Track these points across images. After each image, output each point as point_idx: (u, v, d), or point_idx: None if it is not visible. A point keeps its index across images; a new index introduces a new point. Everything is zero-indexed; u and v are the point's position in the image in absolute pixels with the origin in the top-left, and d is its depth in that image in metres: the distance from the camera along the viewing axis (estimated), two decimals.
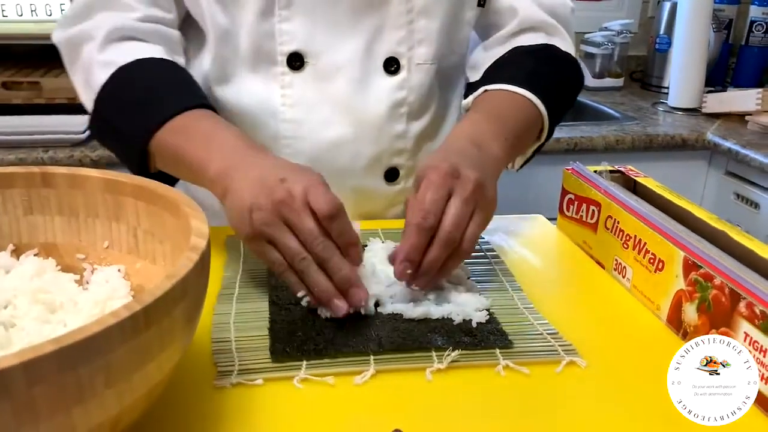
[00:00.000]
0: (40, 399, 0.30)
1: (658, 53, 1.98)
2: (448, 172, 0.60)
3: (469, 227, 0.60)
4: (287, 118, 0.79)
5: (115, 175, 0.53)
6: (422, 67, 0.81)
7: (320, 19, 0.77)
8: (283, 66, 0.78)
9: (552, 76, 0.81)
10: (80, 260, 0.54)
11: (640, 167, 1.55)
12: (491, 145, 0.68)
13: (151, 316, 0.34)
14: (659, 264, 0.63)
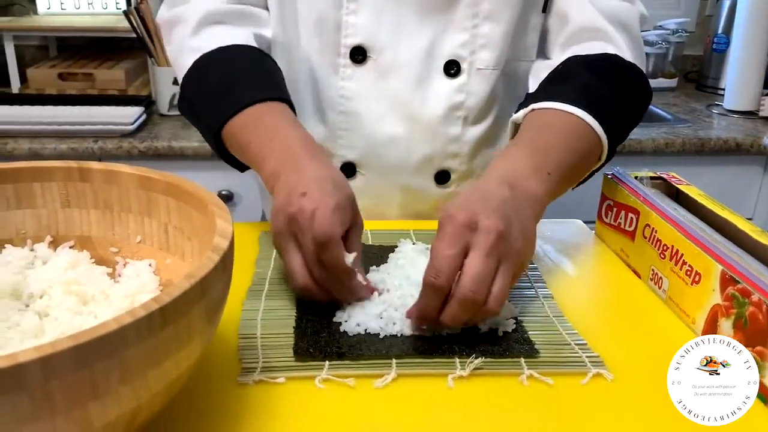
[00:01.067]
0: (56, 393, 0.31)
1: (715, 53, 1.92)
2: (464, 224, 0.54)
3: (495, 284, 0.53)
4: (344, 110, 0.81)
5: (148, 172, 0.54)
6: (483, 72, 0.81)
7: (386, 15, 0.78)
8: (346, 58, 0.79)
9: (612, 91, 0.73)
10: (113, 253, 0.56)
11: (690, 172, 1.51)
12: (529, 184, 0.61)
13: (167, 315, 0.35)
14: (696, 276, 0.61)
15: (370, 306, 0.59)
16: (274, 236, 0.60)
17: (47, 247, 0.56)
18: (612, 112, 0.71)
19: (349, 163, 0.84)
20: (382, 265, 0.67)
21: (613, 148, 0.72)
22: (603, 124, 0.69)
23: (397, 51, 0.79)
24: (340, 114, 0.81)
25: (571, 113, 0.69)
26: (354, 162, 0.83)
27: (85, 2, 1.77)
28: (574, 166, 0.68)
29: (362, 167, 0.84)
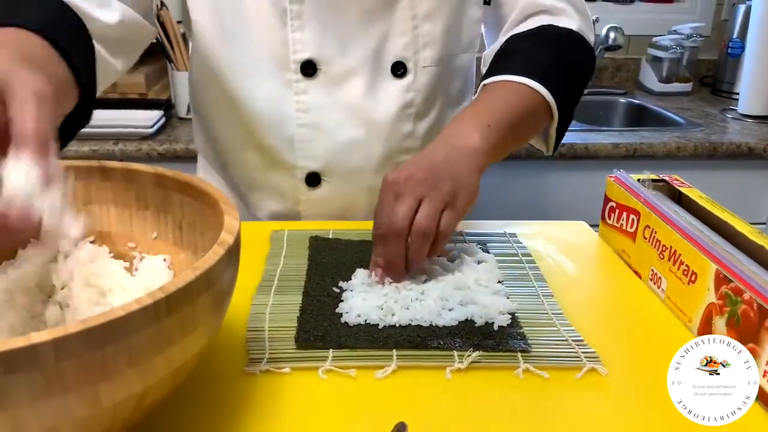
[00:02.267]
0: (68, 372, 0.34)
1: (731, 58, 1.92)
2: (391, 182, 0.66)
3: (419, 211, 0.64)
4: (302, 122, 0.83)
5: (164, 171, 0.57)
6: (428, 69, 0.84)
7: (330, 27, 0.80)
8: (297, 73, 0.81)
9: (548, 55, 0.80)
10: (131, 248, 0.59)
11: (703, 176, 1.52)
12: (468, 138, 0.70)
13: (172, 304, 0.37)
14: (692, 276, 0.63)
15: (370, 298, 0.61)
16: None
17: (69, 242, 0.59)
18: (551, 71, 0.78)
19: (313, 173, 0.86)
20: None
21: (565, 105, 0.80)
22: (543, 83, 0.76)
23: (345, 60, 0.81)
24: (298, 127, 0.83)
25: (511, 80, 0.77)
26: (317, 171, 0.85)
27: None
28: (517, 120, 0.75)
29: (326, 175, 0.86)
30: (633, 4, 2.08)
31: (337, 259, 0.71)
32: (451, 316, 0.60)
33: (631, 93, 2.01)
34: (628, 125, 1.92)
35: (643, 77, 2.04)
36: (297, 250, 0.74)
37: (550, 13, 0.85)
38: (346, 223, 0.85)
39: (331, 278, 0.67)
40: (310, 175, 0.86)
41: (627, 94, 1.99)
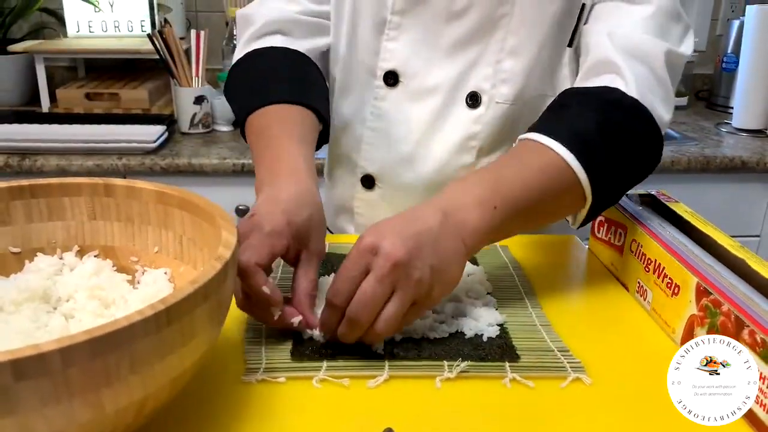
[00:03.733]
0: (74, 379, 0.36)
1: (725, 73, 1.94)
2: (368, 247, 0.56)
3: (385, 310, 0.55)
4: (373, 126, 0.87)
5: (165, 188, 0.59)
6: (501, 106, 0.83)
7: (421, 46, 0.83)
8: (380, 80, 0.85)
9: (597, 125, 0.67)
10: (133, 262, 0.61)
11: (697, 189, 1.55)
12: (467, 215, 0.60)
13: (172, 314, 0.40)
14: (675, 288, 0.65)
15: None
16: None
17: (74, 256, 0.61)
18: (598, 149, 0.66)
19: (369, 176, 0.90)
20: None
21: (603, 190, 0.67)
22: (580, 158, 0.65)
23: (426, 79, 0.84)
24: (367, 129, 0.88)
25: (548, 147, 0.65)
26: (373, 175, 0.89)
27: (111, 25, 1.85)
28: (533, 205, 0.64)
29: (380, 181, 0.89)
30: None
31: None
32: (442, 328, 0.63)
33: None
34: None
35: None
36: None
37: (618, 73, 0.71)
38: (342, 236, 0.88)
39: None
40: (365, 177, 0.90)
41: None
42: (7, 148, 1.46)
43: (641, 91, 0.69)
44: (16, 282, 0.57)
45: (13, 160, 1.44)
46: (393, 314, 0.55)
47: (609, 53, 0.72)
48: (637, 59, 0.71)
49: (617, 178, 0.69)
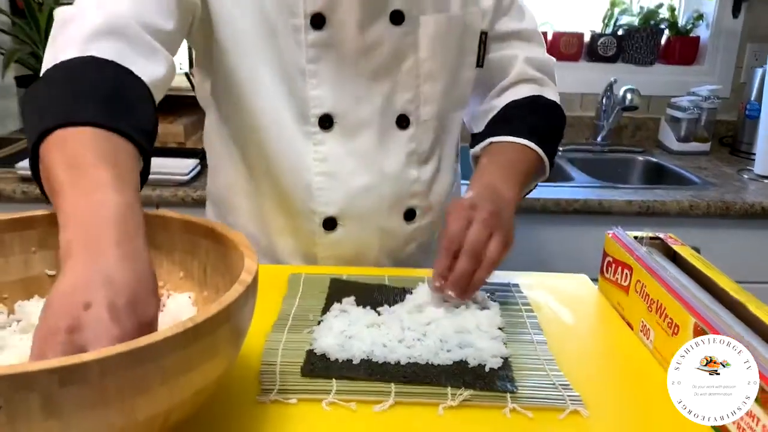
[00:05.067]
0: (110, 387, 0.40)
1: (748, 120, 1.96)
2: (467, 206, 0.79)
3: (490, 244, 0.76)
4: (319, 171, 0.91)
5: (192, 219, 0.64)
6: (427, 123, 0.94)
7: (344, 84, 0.88)
8: (315, 126, 0.89)
9: (545, 124, 0.98)
10: (160, 287, 0.66)
11: (716, 235, 1.56)
12: (505, 189, 0.86)
13: (198, 332, 0.44)
14: (675, 328, 0.67)
15: (377, 336, 0.67)
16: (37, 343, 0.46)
17: None
18: (547, 138, 0.96)
19: (330, 218, 0.92)
20: (397, 304, 0.76)
21: (551, 161, 0.97)
22: (540, 146, 0.94)
23: (357, 113, 0.90)
24: (316, 176, 0.90)
25: (517, 142, 0.94)
26: (334, 216, 0.92)
27: None
28: (527, 177, 0.93)
29: (342, 219, 0.93)
30: (653, 66, 2.14)
31: (357, 300, 0.77)
32: (447, 356, 0.66)
33: (650, 151, 2.06)
34: (645, 183, 1.96)
35: (662, 136, 2.10)
36: (312, 292, 0.81)
37: (537, 83, 1.02)
38: (360, 269, 0.91)
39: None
40: (327, 220, 0.93)
41: (646, 153, 2.04)
42: None
43: (554, 93, 1.03)
44: None
45: None
46: (497, 247, 0.76)
47: (528, 71, 1.01)
48: (545, 72, 1.03)
49: (555, 145, 0.99)
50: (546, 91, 1.01)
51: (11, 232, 0.64)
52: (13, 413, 0.38)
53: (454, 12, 0.92)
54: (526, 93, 1.00)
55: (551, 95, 1.02)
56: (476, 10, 0.94)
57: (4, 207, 1.48)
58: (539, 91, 1.01)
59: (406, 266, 0.95)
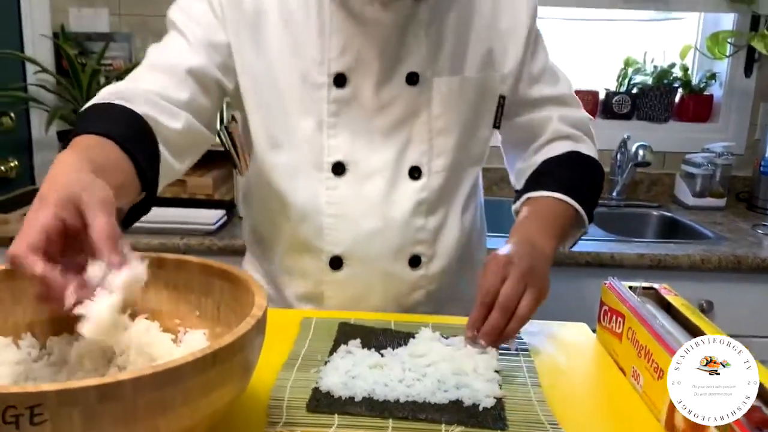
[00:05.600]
0: (140, 405, 0.46)
1: (763, 176, 1.99)
2: (503, 261, 0.83)
3: (523, 299, 0.81)
4: (330, 213, 0.98)
5: (208, 262, 0.70)
6: (439, 174, 1.00)
7: (359, 135, 0.96)
8: (329, 172, 0.97)
9: (581, 178, 1.03)
10: (177, 324, 0.72)
11: (727, 289, 1.58)
12: (542, 243, 0.91)
13: (216, 358, 0.50)
14: (660, 372, 0.71)
15: (379, 376, 0.72)
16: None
17: (127, 318, 0.72)
18: (585, 192, 1.01)
19: (337, 257, 0.99)
20: (400, 347, 0.81)
21: (590, 212, 1.01)
22: (577, 199, 0.98)
23: (370, 162, 0.97)
24: (327, 217, 0.98)
25: (553, 196, 0.98)
26: (340, 255, 0.98)
27: None
28: (563, 230, 0.98)
29: (347, 259, 0.98)
30: (668, 123, 2.19)
31: (364, 341, 0.82)
32: (444, 395, 0.70)
33: (665, 206, 2.09)
34: (660, 237, 1.99)
35: (677, 192, 2.13)
36: (321, 335, 0.86)
37: (573, 140, 1.06)
38: (368, 314, 0.96)
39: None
40: (333, 259, 0.99)
41: (661, 207, 2.07)
42: None
43: (590, 148, 1.08)
44: (80, 339, 0.68)
45: None
46: (530, 303, 0.81)
47: (564, 129, 1.06)
48: (581, 129, 1.08)
49: (593, 207, 1.03)
50: (582, 147, 1.06)
51: None
52: (57, 426, 0.44)
53: (469, 74, 0.99)
54: (561, 149, 1.05)
55: (587, 150, 1.06)
56: (495, 74, 1.01)
57: None
58: (575, 147, 1.05)
59: (413, 314, 0.99)
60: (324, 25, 0.94)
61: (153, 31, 2.12)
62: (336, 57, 0.94)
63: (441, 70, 0.97)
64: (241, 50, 0.96)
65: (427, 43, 0.96)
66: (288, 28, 0.95)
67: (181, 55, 0.93)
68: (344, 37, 0.94)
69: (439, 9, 0.97)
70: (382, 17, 0.94)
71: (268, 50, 0.96)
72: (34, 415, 0.44)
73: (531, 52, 1.04)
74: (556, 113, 1.06)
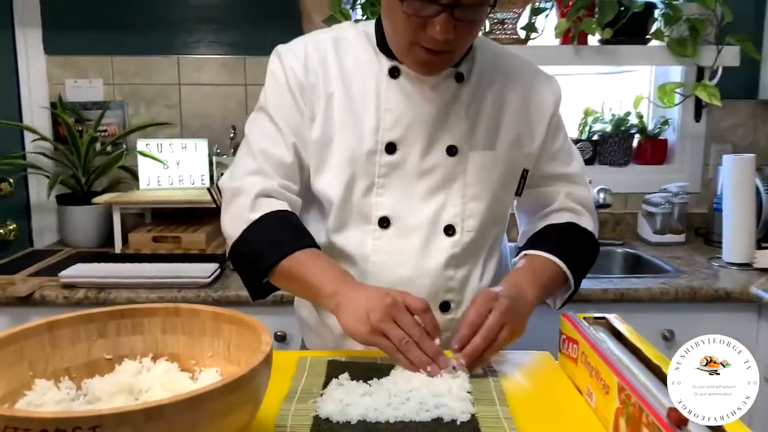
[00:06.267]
0: (177, 424, 0.58)
1: (716, 212, 2.15)
2: (491, 296, 0.99)
3: (501, 333, 0.97)
4: (374, 260, 1.14)
5: (218, 309, 0.82)
6: (469, 233, 1.15)
7: (403, 196, 1.13)
8: (375, 225, 1.13)
9: (573, 246, 1.19)
10: (193, 364, 0.83)
11: (684, 318, 1.72)
12: (527, 290, 1.07)
13: (234, 386, 0.62)
14: (606, 388, 0.83)
15: (369, 402, 0.83)
16: (371, 331, 0.94)
17: (150, 360, 0.83)
18: (574, 257, 1.17)
19: None
20: (384, 377, 0.92)
21: (577, 276, 1.17)
22: (566, 263, 1.14)
23: (410, 220, 1.13)
24: (371, 263, 1.14)
25: (545, 256, 1.15)
26: None
27: (176, 179, 2.19)
28: (550, 286, 1.16)
29: None
30: (628, 166, 2.36)
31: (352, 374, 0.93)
32: (426, 414, 0.82)
33: (629, 244, 2.24)
34: (626, 272, 2.13)
35: (640, 230, 2.29)
36: (315, 371, 0.97)
37: (575, 213, 1.23)
38: (356, 351, 1.08)
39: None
40: None
41: (625, 245, 2.23)
42: (87, 283, 1.73)
43: (588, 222, 1.23)
44: (110, 380, 0.80)
45: (91, 293, 1.71)
46: (505, 338, 0.97)
47: (568, 203, 1.24)
48: (583, 206, 1.25)
49: (582, 274, 1.19)
50: (581, 221, 1.22)
51: (77, 326, 0.82)
52: None
53: (500, 151, 1.16)
54: (563, 219, 1.21)
55: (585, 224, 1.21)
56: (521, 152, 1.18)
57: (47, 311, 1.67)
58: (575, 220, 1.21)
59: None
60: (380, 102, 1.12)
61: (144, 98, 2.27)
62: (389, 129, 1.12)
63: (476, 145, 1.14)
64: (315, 126, 1.13)
65: (466, 121, 1.14)
66: (350, 105, 1.13)
67: (280, 151, 1.14)
68: (397, 113, 1.12)
69: (478, 93, 1.15)
70: (430, 97, 1.12)
71: (334, 123, 1.13)
72: None
73: (552, 134, 1.21)
74: (564, 189, 1.23)
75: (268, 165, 1.13)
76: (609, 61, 2.13)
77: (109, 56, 2.26)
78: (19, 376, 0.75)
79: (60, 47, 2.25)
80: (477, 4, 1.00)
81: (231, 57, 2.27)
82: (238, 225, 1.10)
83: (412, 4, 0.99)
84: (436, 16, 0.99)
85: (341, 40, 1.17)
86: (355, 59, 1.15)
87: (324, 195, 1.15)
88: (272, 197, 1.12)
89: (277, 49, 1.18)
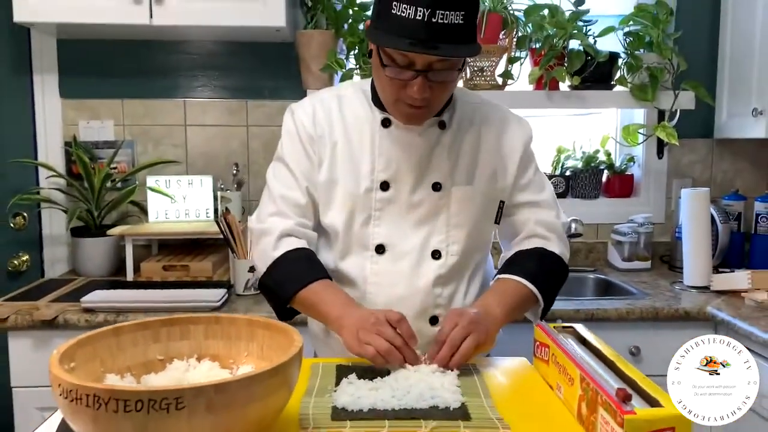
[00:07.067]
0: (238, 397, 0.74)
1: (678, 240, 2.36)
2: (458, 313, 1.19)
3: (465, 341, 1.14)
4: (372, 282, 1.33)
5: (253, 318, 1.00)
6: (453, 256, 1.34)
7: (396, 225, 1.33)
8: (372, 251, 1.33)
9: (540, 267, 1.36)
10: (231, 363, 1.00)
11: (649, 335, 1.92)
12: (494, 310, 1.26)
13: (272, 373, 0.79)
14: (571, 380, 1.02)
15: (376, 395, 1.01)
16: (360, 344, 1.12)
17: (195, 360, 1.00)
18: (542, 278, 1.34)
19: None
20: (386, 376, 1.10)
21: (547, 297, 1.34)
22: (533, 282, 1.32)
23: (403, 246, 1.32)
24: (370, 284, 1.33)
25: (516, 279, 1.33)
26: None
27: (183, 213, 2.36)
28: (518, 305, 1.32)
29: None
30: (598, 199, 2.58)
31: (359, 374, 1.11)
32: (424, 403, 1.00)
33: (600, 270, 2.44)
34: (597, 296, 2.33)
35: (609, 257, 2.49)
36: (326, 373, 1.15)
37: (543, 238, 1.40)
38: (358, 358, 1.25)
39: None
40: None
41: (597, 271, 2.43)
42: (106, 307, 1.88)
43: (558, 246, 1.40)
44: (164, 376, 0.96)
45: (110, 317, 1.86)
46: (468, 345, 1.14)
47: (537, 230, 1.40)
48: (551, 231, 1.41)
49: (552, 291, 1.37)
50: (550, 245, 1.38)
51: (136, 332, 0.99)
52: (192, 410, 0.72)
53: (478, 185, 1.35)
54: (532, 245, 1.38)
55: (553, 248, 1.38)
56: (497, 185, 1.37)
57: (70, 333, 1.82)
58: (543, 244, 1.38)
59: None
60: (375, 148, 1.33)
61: (152, 138, 2.45)
62: (383, 170, 1.32)
63: (458, 181, 1.34)
64: (322, 170, 1.34)
65: (449, 161, 1.33)
66: (351, 151, 1.34)
67: (296, 194, 1.35)
68: (389, 156, 1.32)
69: (458, 136, 1.35)
70: (417, 142, 1.32)
71: (338, 167, 1.34)
72: (178, 403, 0.72)
73: (522, 168, 1.39)
74: (534, 216, 1.39)
75: (287, 207, 1.34)
76: (578, 104, 2.36)
77: (120, 99, 2.44)
78: (94, 370, 0.92)
79: (74, 91, 2.43)
80: (447, 68, 1.20)
81: (234, 100, 2.47)
82: (265, 262, 1.32)
83: (393, 69, 1.20)
84: (413, 80, 1.20)
85: (343, 97, 1.39)
86: (354, 113, 1.36)
87: (330, 227, 1.36)
88: (292, 236, 1.33)
89: (290, 107, 1.40)
